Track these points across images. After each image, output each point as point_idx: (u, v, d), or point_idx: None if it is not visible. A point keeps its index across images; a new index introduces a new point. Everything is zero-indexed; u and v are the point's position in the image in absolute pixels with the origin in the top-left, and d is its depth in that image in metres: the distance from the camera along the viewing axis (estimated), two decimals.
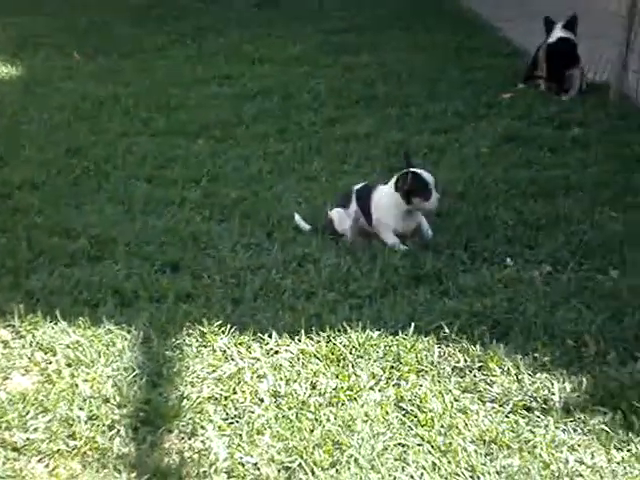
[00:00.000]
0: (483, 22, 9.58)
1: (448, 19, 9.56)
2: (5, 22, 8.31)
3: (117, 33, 8.59)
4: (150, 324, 3.65)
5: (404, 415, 3.20)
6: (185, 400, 3.23)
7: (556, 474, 2.89)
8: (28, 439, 2.94)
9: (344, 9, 10.02)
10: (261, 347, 3.61)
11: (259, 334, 3.66)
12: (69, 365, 3.34)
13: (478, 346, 3.56)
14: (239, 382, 3.37)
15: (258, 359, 3.53)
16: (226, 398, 3.28)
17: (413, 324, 3.69)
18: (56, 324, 3.57)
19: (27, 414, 3.04)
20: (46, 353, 3.42)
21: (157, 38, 8.46)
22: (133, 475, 2.83)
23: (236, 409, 3.23)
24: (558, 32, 7.02)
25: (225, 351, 3.57)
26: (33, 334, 3.51)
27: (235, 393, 3.31)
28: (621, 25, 6.71)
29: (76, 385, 3.23)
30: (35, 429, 2.99)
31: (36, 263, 4.09)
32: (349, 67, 7.72)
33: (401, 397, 3.29)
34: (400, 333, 3.66)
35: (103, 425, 3.05)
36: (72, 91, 6.80)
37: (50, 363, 3.35)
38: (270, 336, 3.65)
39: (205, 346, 3.59)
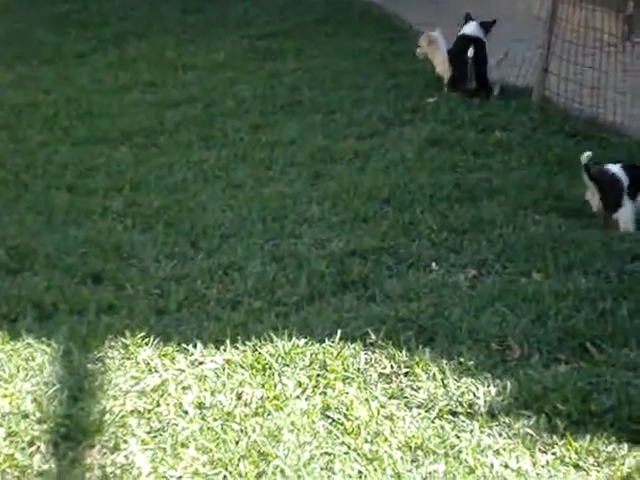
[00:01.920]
0: (407, 27, 9.64)
1: (373, 24, 9.58)
2: None
3: (37, 40, 8.44)
4: (71, 337, 3.57)
5: (330, 424, 3.18)
6: (107, 414, 3.16)
7: (481, 479, 2.89)
8: None
9: (268, 14, 9.98)
10: (186, 358, 3.56)
11: (183, 345, 3.61)
12: None
13: (404, 352, 3.56)
14: (163, 394, 3.31)
15: (183, 370, 3.48)
16: (149, 411, 3.22)
17: (340, 331, 3.67)
18: None
19: None
20: None
21: (78, 45, 8.33)
22: None
23: (160, 422, 3.17)
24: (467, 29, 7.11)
25: (149, 363, 3.51)
26: None
27: (159, 406, 3.25)
28: (542, 28, 6.81)
29: None
30: None
31: None
32: (274, 73, 7.69)
33: (327, 405, 3.27)
34: (326, 340, 3.64)
35: (22, 442, 2.97)
36: None
37: None
38: (195, 346, 3.60)
39: (128, 358, 3.53)
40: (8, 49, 7.97)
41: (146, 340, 3.61)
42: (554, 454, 3.01)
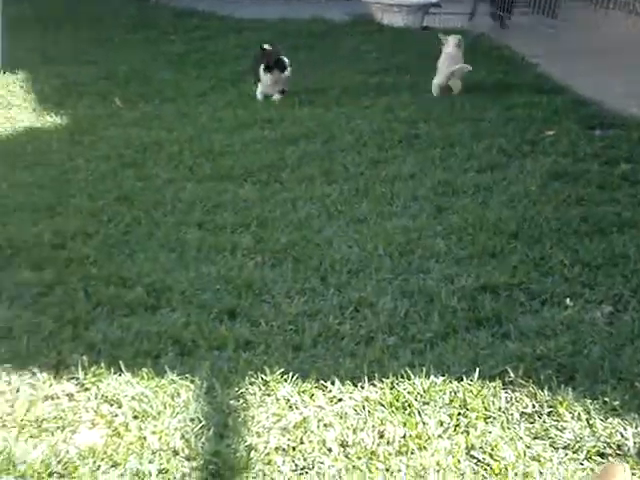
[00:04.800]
0: (519, 59, 9.60)
1: (484, 56, 9.56)
2: (48, 72, 8.39)
3: (157, 79, 8.64)
4: (212, 373, 3.63)
5: (476, 464, 3.15)
6: (253, 451, 3.20)
7: None
8: None
9: (379, 50, 10.06)
10: (324, 395, 3.58)
11: (322, 381, 3.63)
12: (136, 417, 3.32)
13: (545, 390, 3.51)
14: (305, 431, 3.34)
15: (322, 407, 3.50)
16: (294, 448, 3.25)
17: (478, 369, 3.64)
18: (120, 375, 3.56)
19: (98, 469, 3.02)
20: (112, 405, 3.40)
21: (197, 84, 8.51)
22: None
23: (305, 459, 3.19)
24: None
25: (289, 399, 3.54)
26: (97, 386, 3.49)
27: (302, 443, 3.28)
28: None
29: (144, 438, 3.20)
30: None
31: (94, 314, 4.08)
32: (389, 107, 7.72)
33: (471, 445, 3.24)
34: (465, 378, 3.62)
35: (174, 479, 3.02)
36: (116, 138, 6.83)
37: (116, 416, 3.33)
38: (333, 383, 3.62)
39: (268, 395, 3.57)
40: (131, 88, 8.19)
41: (285, 376, 3.64)
42: None
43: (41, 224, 5.08)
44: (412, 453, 3.21)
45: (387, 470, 3.12)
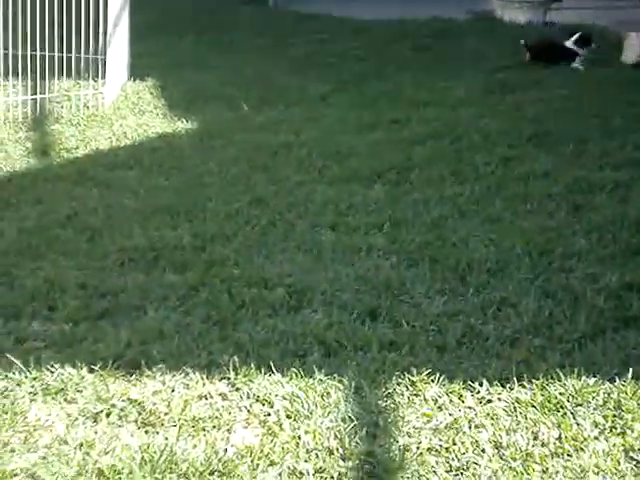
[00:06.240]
0: None
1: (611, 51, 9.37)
2: (175, 78, 8.55)
3: (279, 83, 8.72)
4: (359, 374, 3.64)
5: (636, 465, 3.08)
6: (406, 452, 3.19)
7: None
8: None
9: (501, 47, 9.94)
10: (473, 396, 3.54)
11: (469, 382, 3.60)
12: (288, 417, 3.35)
13: None
14: (457, 432, 3.31)
15: (472, 408, 3.46)
16: (447, 449, 3.22)
17: (630, 370, 3.56)
18: (269, 375, 3.59)
19: (256, 467, 3.06)
20: (264, 405, 3.43)
21: (319, 86, 8.55)
22: None
23: (459, 460, 3.16)
24: None
25: (437, 400, 3.52)
26: (249, 386, 3.53)
27: (455, 444, 3.25)
28: None
29: (298, 437, 3.23)
30: None
31: (239, 315, 4.14)
32: (516, 105, 7.63)
33: (630, 446, 3.17)
34: (617, 379, 3.54)
35: (331, 478, 3.04)
36: (245, 142, 6.92)
37: (269, 415, 3.37)
38: (481, 384, 3.58)
39: (416, 395, 3.55)
40: (254, 93, 8.28)
41: (432, 377, 3.62)
42: None
43: (180, 228, 5.18)
44: (569, 455, 3.15)
45: (544, 472, 3.07)
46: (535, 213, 5.37)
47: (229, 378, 3.59)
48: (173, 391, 3.50)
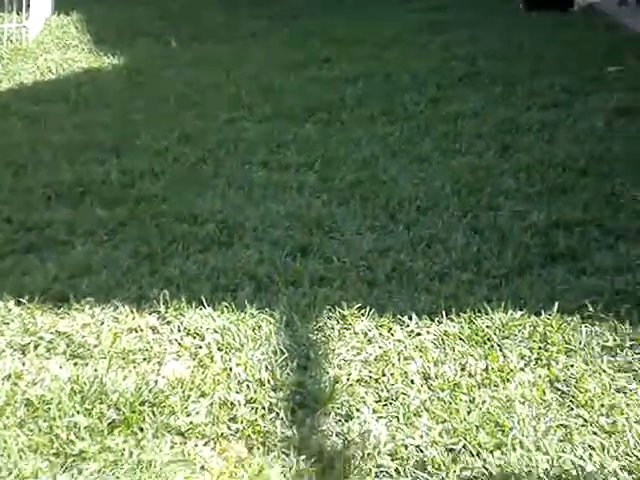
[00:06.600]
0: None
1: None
2: (102, 13, 8.37)
3: (209, 19, 8.60)
4: (291, 308, 3.65)
5: (561, 396, 3.15)
6: (336, 383, 3.21)
7: None
8: (192, 423, 2.95)
9: None
10: (402, 329, 3.57)
11: (398, 316, 3.63)
12: (219, 349, 3.35)
13: (627, 324, 3.49)
14: (386, 364, 3.34)
15: (401, 341, 3.50)
16: (376, 380, 3.26)
17: (556, 303, 3.63)
18: (200, 309, 3.58)
19: (188, 398, 3.05)
20: (195, 338, 3.42)
21: (250, 24, 8.45)
22: (301, 458, 2.82)
23: (388, 391, 3.20)
24: None
25: (367, 333, 3.55)
26: (179, 320, 3.52)
27: (384, 375, 3.28)
28: None
29: (230, 369, 3.23)
30: (197, 413, 2.99)
31: (170, 250, 4.10)
32: (446, 45, 7.64)
33: (555, 377, 3.23)
34: (543, 313, 3.60)
35: (262, 408, 3.05)
36: (173, 79, 6.83)
37: (200, 348, 3.36)
38: (410, 318, 3.61)
39: (347, 329, 3.57)
40: (183, 29, 8.16)
41: (362, 311, 3.65)
42: None
43: (108, 163, 5.10)
44: (495, 385, 3.21)
45: (471, 402, 3.12)
46: (464, 153, 5.41)
47: (159, 312, 3.57)
48: (102, 324, 3.47)
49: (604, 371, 3.26)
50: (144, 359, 3.28)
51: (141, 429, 2.93)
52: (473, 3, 9.02)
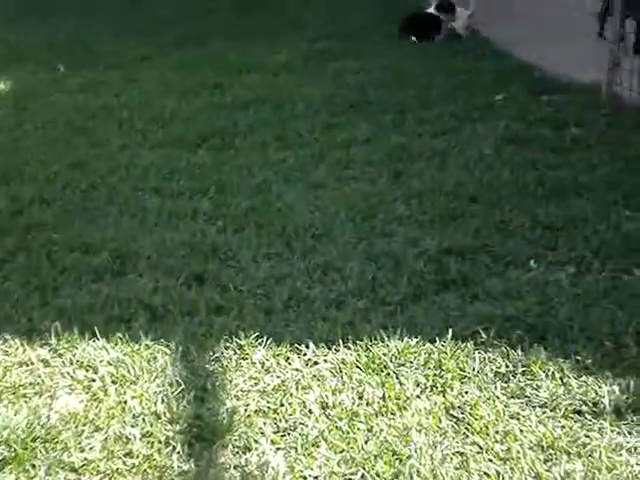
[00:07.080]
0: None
1: None
2: None
3: (97, 45, 8.49)
4: (187, 338, 3.60)
5: (456, 423, 3.19)
6: (234, 414, 3.19)
7: (622, 478, 2.88)
8: (86, 459, 2.88)
9: (319, 17, 10.02)
10: (300, 358, 3.57)
11: (296, 345, 3.63)
12: (114, 382, 3.28)
13: (518, 350, 3.56)
14: (284, 394, 3.33)
15: (299, 370, 3.50)
16: (274, 411, 3.24)
17: (450, 330, 3.68)
18: (94, 341, 3.51)
19: (81, 434, 2.98)
20: (88, 371, 3.35)
21: (139, 50, 8.37)
22: None
23: (286, 421, 3.19)
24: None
25: (264, 363, 3.53)
26: (72, 352, 3.44)
27: (282, 405, 3.27)
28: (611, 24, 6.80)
29: (124, 402, 3.17)
30: (91, 448, 2.93)
31: (61, 280, 4.02)
32: (338, 74, 7.71)
33: (450, 404, 3.27)
34: (438, 340, 3.65)
35: (159, 442, 3.00)
36: (63, 104, 6.72)
37: (94, 381, 3.29)
38: (307, 347, 3.62)
39: (244, 358, 3.55)
40: (71, 55, 8.03)
41: (259, 340, 3.63)
42: None
43: None
44: (392, 413, 3.23)
45: (369, 430, 3.13)
46: (358, 179, 5.46)
47: (51, 344, 3.48)
48: None
49: (497, 397, 3.32)
50: (35, 393, 3.19)
51: (33, 466, 2.86)
52: (363, 34, 9.14)
